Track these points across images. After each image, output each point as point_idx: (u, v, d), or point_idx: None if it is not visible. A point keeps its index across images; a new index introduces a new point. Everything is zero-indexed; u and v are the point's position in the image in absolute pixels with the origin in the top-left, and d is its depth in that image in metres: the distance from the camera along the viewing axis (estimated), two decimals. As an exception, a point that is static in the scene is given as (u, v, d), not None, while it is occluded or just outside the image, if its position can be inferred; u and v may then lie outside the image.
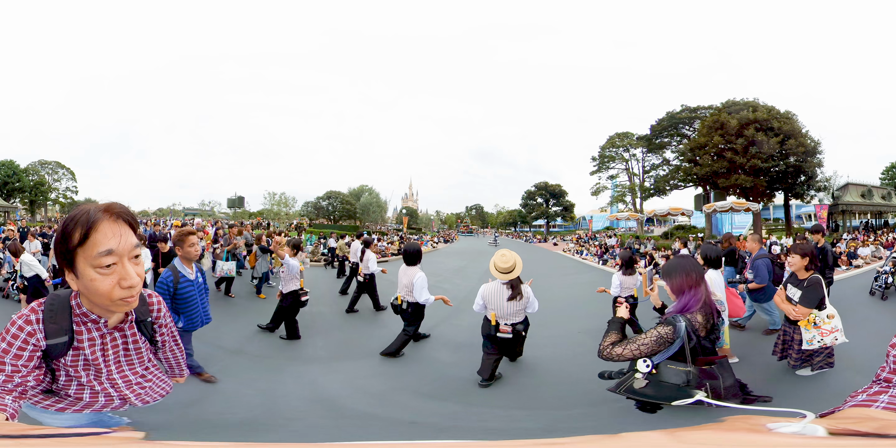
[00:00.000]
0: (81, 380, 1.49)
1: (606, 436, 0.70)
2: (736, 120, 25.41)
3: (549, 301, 7.46)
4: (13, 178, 37.60)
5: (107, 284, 1.25)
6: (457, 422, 3.68)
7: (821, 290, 3.90)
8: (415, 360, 5.37)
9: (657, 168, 40.70)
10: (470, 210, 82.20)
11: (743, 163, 25.07)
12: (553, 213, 60.09)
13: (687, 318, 2.69)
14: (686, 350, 2.65)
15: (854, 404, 0.88)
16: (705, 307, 2.75)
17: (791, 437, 0.66)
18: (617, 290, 6.19)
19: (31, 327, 1.35)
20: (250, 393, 4.21)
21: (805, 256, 4.02)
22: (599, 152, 44.67)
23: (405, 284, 5.33)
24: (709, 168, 26.47)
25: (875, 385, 0.96)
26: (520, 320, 4.34)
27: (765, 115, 25.38)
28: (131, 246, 1.28)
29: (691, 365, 2.65)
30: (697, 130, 30.02)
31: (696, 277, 2.77)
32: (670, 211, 26.38)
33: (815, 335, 3.90)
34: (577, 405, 3.91)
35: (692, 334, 2.66)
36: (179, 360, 2.01)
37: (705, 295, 2.77)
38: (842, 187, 30.46)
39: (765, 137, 24.45)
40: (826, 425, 0.67)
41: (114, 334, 1.51)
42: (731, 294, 5.01)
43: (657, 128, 37.80)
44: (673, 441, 0.69)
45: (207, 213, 52.64)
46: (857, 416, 0.83)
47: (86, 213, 1.24)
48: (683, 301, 2.75)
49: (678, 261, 2.89)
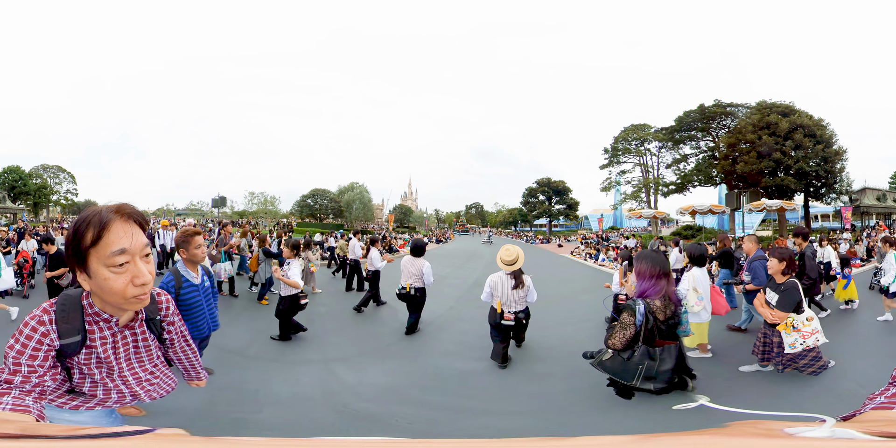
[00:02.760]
0: (95, 377, 1.53)
1: (622, 437, 0.65)
2: (787, 122, 26.19)
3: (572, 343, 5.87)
4: (19, 182, 40.23)
5: (120, 283, 1.28)
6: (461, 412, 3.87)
7: (797, 295, 4.00)
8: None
9: (679, 162, 38.02)
10: (470, 208, 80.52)
11: (790, 164, 26.01)
12: (556, 211, 56.77)
13: (646, 301, 3.13)
14: (642, 330, 3.10)
15: (874, 407, 0.82)
16: (664, 296, 3.16)
17: (827, 441, 0.59)
18: (618, 287, 6.54)
19: (44, 328, 1.37)
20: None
21: (783, 261, 4.13)
22: (612, 144, 41.99)
23: (413, 273, 6.25)
24: (753, 166, 26.66)
25: (892, 387, 0.91)
26: (521, 308, 4.95)
27: (808, 120, 26.57)
28: (142, 245, 1.33)
29: (640, 344, 3.12)
30: (738, 128, 29.35)
31: (661, 271, 3.18)
32: (711, 207, 23.22)
33: (797, 338, 4.01)
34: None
35: (649, 316, 3.10)
36: (193, 361, 2.03)
37: (666, 288, 3.17)
38: (860, 191, 33.17)
39: (810, 143, 25.87)
40: (856, 429, 0.61)
41: (125, 332, 1.55)
42: (714, 292, 5.20)
43: (684, 119, 35.76)
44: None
45: (197, 213, 53.04)
46: (882, 419, 0.77)
47: (98, 214, 1.27)
48: (644, 286, 3.18)
49: (650, 253, 3.32)
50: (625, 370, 3.12)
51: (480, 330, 5.85)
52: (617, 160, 42.26)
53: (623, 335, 3.08)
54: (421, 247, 6.49)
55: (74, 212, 45.22)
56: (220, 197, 34.76)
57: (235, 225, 10.78)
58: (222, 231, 9.94)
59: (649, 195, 40.58)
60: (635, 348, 3.11)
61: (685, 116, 35.90)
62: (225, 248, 9.14)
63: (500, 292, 4.93)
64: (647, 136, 40.42)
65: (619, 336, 3.08)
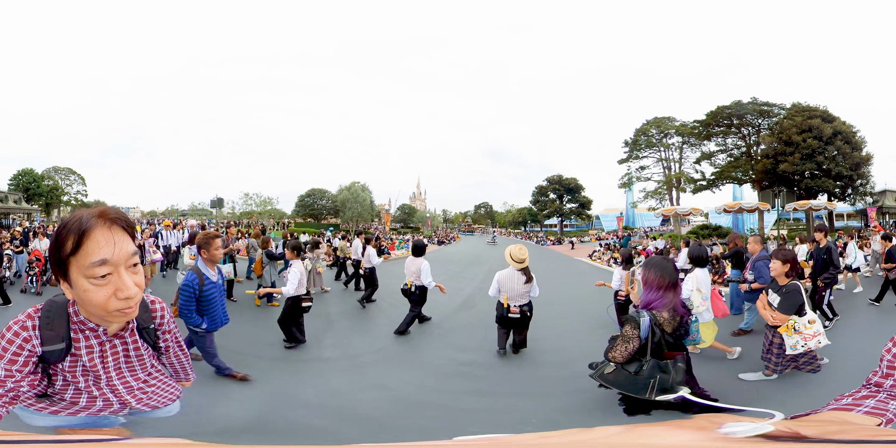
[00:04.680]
0: (79, 385, 1.47)
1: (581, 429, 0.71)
2: (830, 128, 27.47)
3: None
4: (33, 184, 41.82)
5: (101, 296, 1.18)
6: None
7: (799, 297, 3.95)
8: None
9: (705, 159, 36.46)
10: (478, 208, 79.26)
11: (830, 168, 27.35)
12: (568, 210, 53.50)
13: (652, 313, 2.93)
14: (649, 343, 2.91)
15: (835, 407, 0.85)
16: (672, 308, 2.97)
17: (693, 438, 0.66)
18: (617, 284, 6.55)
19: (26, 333, 1.33)
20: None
21: (786, 263, 4.07)
22: (633, 137, 39.98)
23: (413, 271, 6.64)
24: (797, 167, 27.65)
25: (864, 389, 0.93)
26: (525, 302, 5.29)
27: (843, 126, 28.01)
28: (128, 254, 1.21)
29: (649, 357, 2.91)
30: (783, 128, 29.75)
31: (670, 282, 2.96)
32: (759, 205, 22.60)
33: (798, 340, 3.96)
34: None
35: (656, 329, 2.90)
36: (184, 364, 1.98)
37: (673, 300, 2.97)
38: (880, 192, 34.85)
39: (848, 148, 27.59)
40: (783, 427, 0.66)
41: (113, 342, 1.47)
42: (714, 296, 5.20)
43: (719, 114, 34.91)
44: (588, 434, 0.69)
45: (199, 214, 53.56)
46: (828, 420, 0.80)
47: (78, 219, 1.18)
48: (651, 297, 2.98)
49: (660, 261, 3.09)
50: (634, 384, 2.93)
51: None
52: (637, 154, 40.21)
53: (625, 348, 2.90)
54: (421, 247, 6.96)
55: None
56: (217, 198, 35.25)
57: (238, 226, 10.77)
58: (227, 233, 9.95)
59: (671, 192, 38.73)
60: (643, 361, 2.93)
61: (719, 111, 35.15)
62: (226, 251, 8.70)
63: (507, 288, 5.24)
64: (670, 130, 38.59)
65: (621, 349, 2.91)
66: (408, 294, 6.83)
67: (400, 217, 66.18)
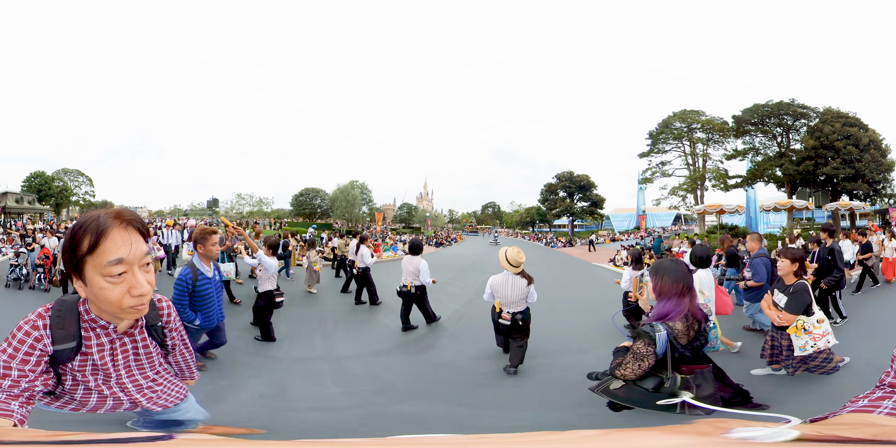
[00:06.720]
0: (89, 385, 1.48)
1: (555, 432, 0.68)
2: (867, 138, 29.40)
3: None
4: (45, 186, 43.60)
5: (116, 293, 1.24)
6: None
7: (808, 297, 3.87)
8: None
9: (736, 157, 34.86)
10: (486, 208, 76.47)
11: (865, 173, 29.05)
12: (579, 209, 49.37)
13: (668, 325, 2.63)
14: (668, 359, 2.60)
15: (854, 410, 0.84)
16: (687, 316, 2.68)
17: (693, 444, 0.62)
18: (627, 285, 6.53)
19: (38, 333, 1.34)
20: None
21: (795, 261, 3.98)
22: (658, 129, 37.66)
23: (411, 271, 6.47)
24: (838, 171, 29.07)
25: (878, 390, 0.91)
26: (520, 310, 5.03)
27: (874, 135, 29.91)
28: (142, 254, 1.27)
29: (672, 372, 2.60)
30: (824, 133, 30.89)
31: (684, 287, 2.69)
32: (808, 205, 23.62)
33: (808, 340, 3.89)
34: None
35: (674, 342, 2.61)
36: (189, 362, 2.01)
37: (689, 306, 2.69)
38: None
39: (879, 156, 29.51)
40: (808, 431, 0.62)
41: (123, 340, 1.50)
42: (720, 292, 5.13)
43: (755, 112, 33.81)
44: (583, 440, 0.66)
45: (197, 214, 53.74)
46: (854, 422, 0.78)
47: (95, 220, 1.22)
48: (666, 308, 2.68)
49: (672, 264, 2.79)
50: (655, 398, 2.60)
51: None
52: (660, 148, 37.84)
53: (638, 367, 2.60)
54: (418, 246, 6.98)
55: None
56: (213, 199, 35.72)
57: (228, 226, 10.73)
58: (227, 231, 9.66)
59: (696, 188, 36.71)
60: (664, 378, 2.61)
61: (755, 109, 34.05)
62: (223, 248, 8.46)
63: (500, 293, 5.08)
64: (696, 123, 36.72)
65: (633, 367, 2.60)
66: (406, 296, 6.50)
67: (401, 217, 65.41)
